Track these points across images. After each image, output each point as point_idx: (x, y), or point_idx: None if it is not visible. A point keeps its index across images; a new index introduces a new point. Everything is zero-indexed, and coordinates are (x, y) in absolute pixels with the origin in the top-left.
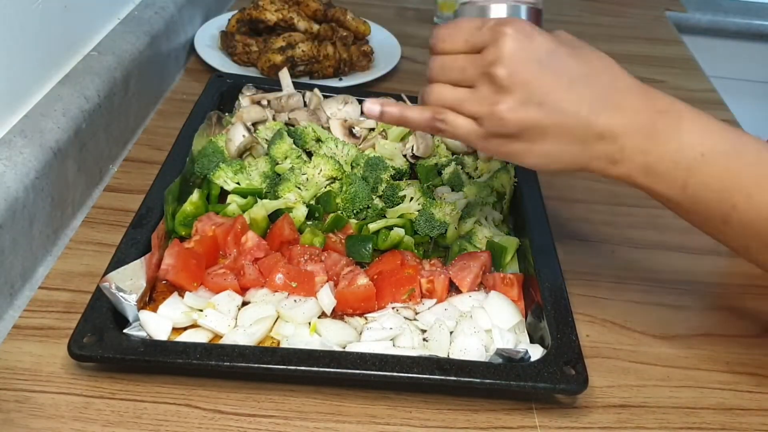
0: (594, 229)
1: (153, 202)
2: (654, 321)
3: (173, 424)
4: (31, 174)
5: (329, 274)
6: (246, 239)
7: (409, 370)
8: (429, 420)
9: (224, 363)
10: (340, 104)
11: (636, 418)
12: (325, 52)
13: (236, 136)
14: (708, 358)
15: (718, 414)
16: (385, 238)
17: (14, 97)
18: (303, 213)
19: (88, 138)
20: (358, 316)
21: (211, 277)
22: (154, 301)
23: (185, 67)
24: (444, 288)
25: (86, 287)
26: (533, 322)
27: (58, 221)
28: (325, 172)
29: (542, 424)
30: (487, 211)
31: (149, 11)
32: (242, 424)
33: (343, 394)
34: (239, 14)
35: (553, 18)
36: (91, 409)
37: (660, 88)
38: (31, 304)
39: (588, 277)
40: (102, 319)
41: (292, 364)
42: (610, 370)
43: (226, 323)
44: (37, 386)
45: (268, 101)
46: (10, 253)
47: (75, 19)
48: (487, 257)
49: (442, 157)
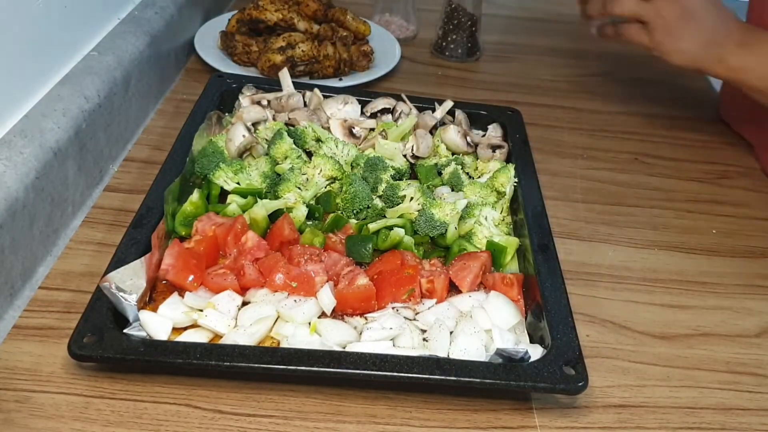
0: (594, 229)
1: (153, 202)
2: (654, 321)
3: (173, 424)
4: (31, 174)
5: (329, 274)
6: (246, 239)
7: (409, 370)
8: (429, 420)
9: (224, 363)
10: (340, 104)
11: (636, 418)
12: (325, 52)
13: (236, 136)
14: (708, 358)
15: (718, 414)
16: (385, 238)
17: (14, 97)
18: (303, 213)
19: (88, 138)
20: (358, 316)
21: (211, 277)
22: (154, 301)
23: (185, 67)
24: (444, 288)
25: (86, 287)
26: (533, 322)
27: (58, 221)
28: (325, 172)
29: (542, 424)
30: (487, 211)
31: (149, 11)
32: (242, 424)
33: (343, 394)
34: (239, 14)
35: (553, 18)
36: (91, 409)
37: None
38: (31, 304)
39: (588, 277)
40: (102, 319)
41: (292, 364)
42: (610, 370)
43: (226, 323)
44: (37, 386)
45: (268, 101)
46: (10, 253)
47: (75, 19)
48: (487, 257)
49: (442, 157)
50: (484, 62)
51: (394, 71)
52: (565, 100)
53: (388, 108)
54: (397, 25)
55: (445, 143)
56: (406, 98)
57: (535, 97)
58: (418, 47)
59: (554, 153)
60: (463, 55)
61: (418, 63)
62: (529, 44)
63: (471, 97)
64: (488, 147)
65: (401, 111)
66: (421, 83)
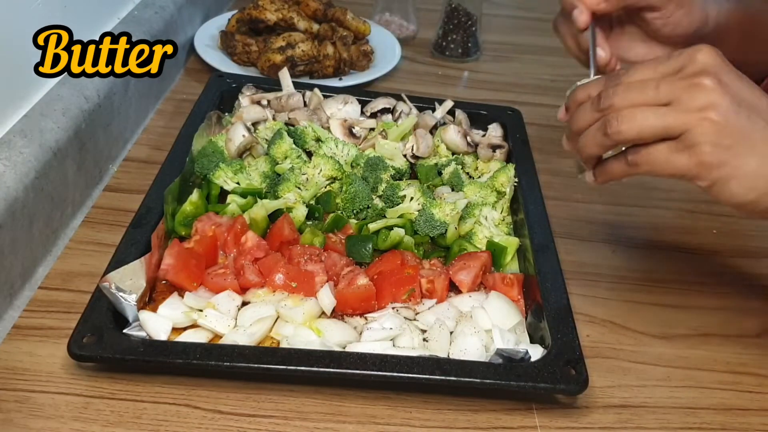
0: (594, 229)
1: (153, 202)
2: (654, 321)
3: (173, 424)
4: (31, 174)
5: (329, 274)
6: (246, 239)
7: (409, 370)
8: (429, 420)
9: (224, 363)
10: (340, 104)
11: (636, 418)
12: (325, 51)
13: (236, 136)
14: (708, 358)
15: (718, 414)
16: (385, 238)
17: (14, 97)
18: (303, 213)
19: (87, 138)
20: (358, 316)
21: (211, 277)
22: (154, 301)
23: (185, 67)
24: (444, 288)
25: (86, 287)
26: (533, 322)
27: (58, 221)
28: (325, 172)
29: (542, 424)
30: (487, 211)
31: (149, 11)
32: (242, 424)
33: (343, 394)
34: (239, 14)
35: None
36: (91, 409)
37: None
38: (31, 304)
39: (588, 277)
40: (102, 319)
41: (292, 364)
42: (610, 370)
43: (226, 323)
44: (36, 386)
45: (268, 101)
46: (10, 253)
47: (74, 19)
48: (487, 257)
49: (442, 157)
50: (484, 62)
51: (394, 71)
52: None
53: (388, 108)
54: (397, 25)
55: (445, 143)
56: (406, 98)
57: (535, 97)
58: (418, 47)
59: (554, 153)
60: (463, 55)
61: (418, 63)
62: (529, 44)
63: (471, 97)
64: (488, 147)
65: (401, 111)
66: (421, 83)
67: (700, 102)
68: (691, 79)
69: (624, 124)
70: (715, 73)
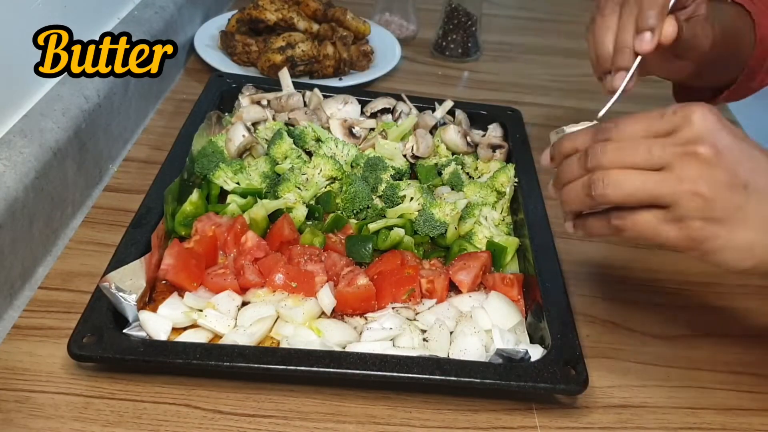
0: None
1: (153, 202)
2: (654, 321)
3: (173, 424)
4: (31, 174)
5: (329, 274)
6: (246, 239)
7: (409, 370)
8: (429, 420)
9: (224, 363)
10: (340, 104)
11: (636, 418)
12: (325, 51)
13: (236, 136)
14: (708, 358)
15: (718, 414)
16: (385, 238)
17: (14, 97)
18: (303, 213)
19: (87, 138)
20: (358, 316)
21: (211, 277)
22: (154, 301)
23: (185, 67)
24: (444, 288)
25: (86, 287)
26: (533, 322)
27: (58, 221)
28: (325, 172)
29: (542, 424)
30: (487, 211)
31: (149, 11)
32: (242, 424)
33: (343, 394)
34: (239, 14)
35: (552, 18)
36: (91, 409)
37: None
38: (31, 304)
39: (588, 277)
40: (102, 319)
41: (292, 364)
42: (610, 370)
43: (226, 323)
44: (36, 386)
45: (268, 101)
46: (10, 253)
47: (74, 19)
48: (487, 257)
49: (442, 157)
50: (484, 62)
51: (394, 71)
52: (565, 100)
53: (388, 108)
54: (397, 25)
55: (445, 143)
56: (406, 98)
57: (535, 97)
58: (418, 47)
59: None
60: (463, 55)
61: (418, 63)
62: (529, 44)
63: (471, 97)
64: (488, 147)
65: (401, 111)
66: (421, 83)
67: (693, 173)
68: (685, 146)
69: (610, 188)
70: (712, 140)
